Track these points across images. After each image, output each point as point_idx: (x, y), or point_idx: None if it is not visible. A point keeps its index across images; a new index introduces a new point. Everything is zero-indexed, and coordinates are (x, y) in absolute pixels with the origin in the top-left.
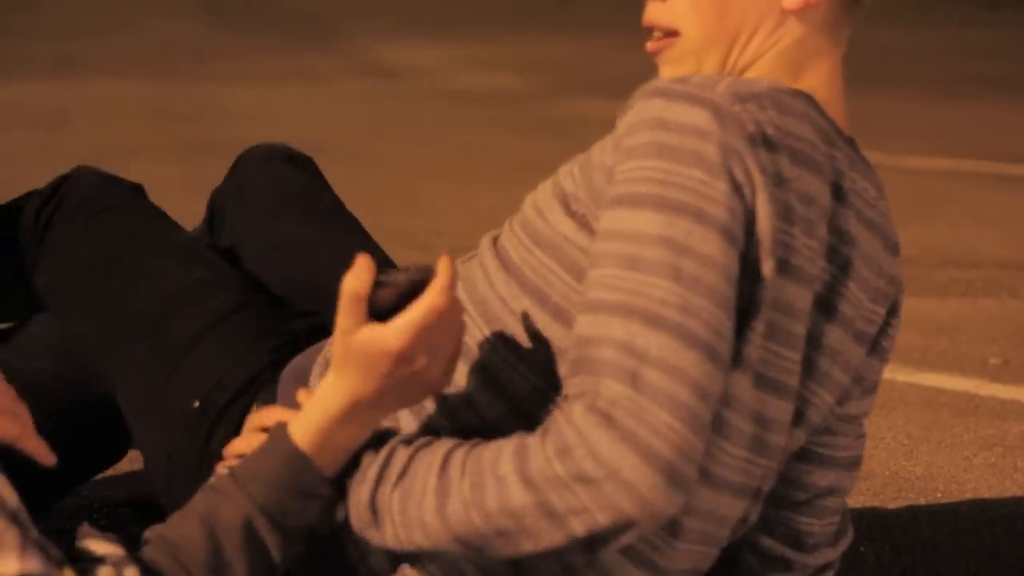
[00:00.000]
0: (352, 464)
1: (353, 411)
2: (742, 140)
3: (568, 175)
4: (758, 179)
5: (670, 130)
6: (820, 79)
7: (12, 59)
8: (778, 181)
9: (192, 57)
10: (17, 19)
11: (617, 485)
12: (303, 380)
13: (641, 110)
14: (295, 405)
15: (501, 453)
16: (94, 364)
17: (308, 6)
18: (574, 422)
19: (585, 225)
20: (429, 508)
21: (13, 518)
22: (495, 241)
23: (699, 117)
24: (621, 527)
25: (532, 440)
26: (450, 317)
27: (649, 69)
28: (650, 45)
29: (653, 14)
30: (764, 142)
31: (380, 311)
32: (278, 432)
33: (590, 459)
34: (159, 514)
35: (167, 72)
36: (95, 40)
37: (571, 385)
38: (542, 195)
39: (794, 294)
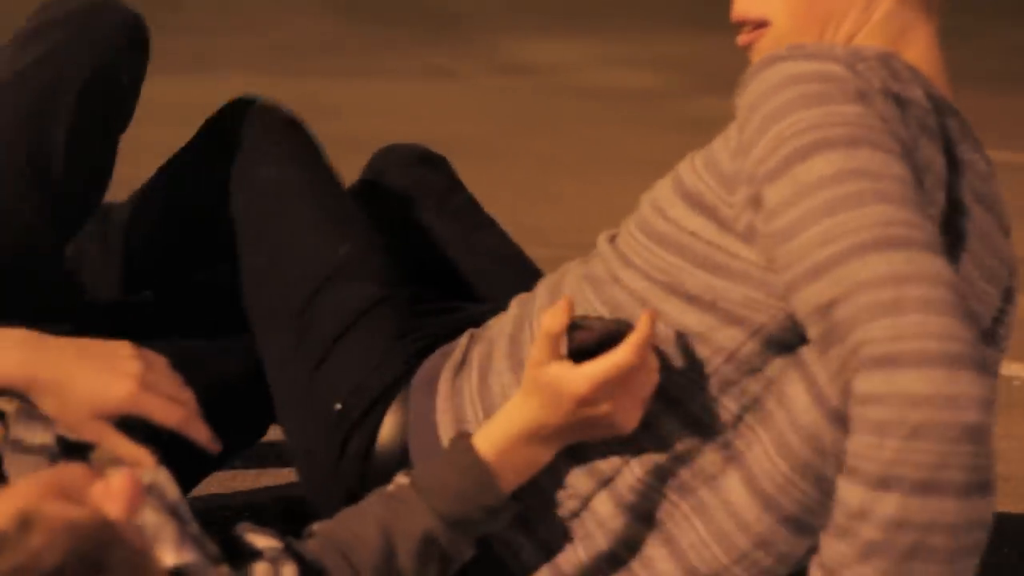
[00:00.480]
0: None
1: (535, 435)
2: (873, 90)
3: (690, 171)
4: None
5: (808, 80)
6: (919, 51)
7: (152, 55)
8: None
9: (328, 53)
10: (159, 16)
11: (951, 408)
12: (433, 384)
13: (766, 78)
14: (426, 410)
15: (850, 492)
16: (250, 322)
17: (444, 2)
18: (865, 395)
19: (715, 218)
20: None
21: (173, 511)
22: (612, 240)
23: (830, 66)
24: (978, 436)
25: (850, 451)
26: (641, 374)
27: None
28: (742, 38)
29: (742, 8)
30: (893, 98)
31: (575, 351)
32: (461, 445)
33: (910, 407)
34: (305, 514)
35: (303, 68)
36: (232, 37)
37: (830, 360)
38: (662, 193)
39: None
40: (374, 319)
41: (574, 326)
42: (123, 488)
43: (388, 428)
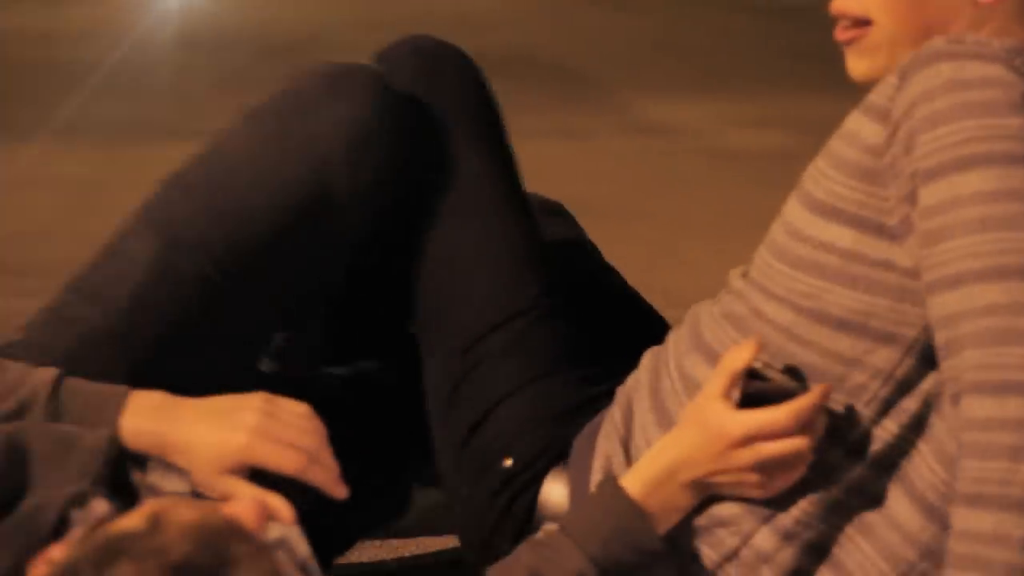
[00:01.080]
0: None
1: (680, 472)
2: None
3: (818, 181)
4: None
5: (971, 87)
6: None
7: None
8: None
9: None
10: (277, 74)
11: None
12: (591, 440)
13: (928, 77)
14: (583, 467)
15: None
16: (417, 338)
17: (572, 62)
18: (976, 422)
19: (856, 222)
20: None
21: (302, 568)
22: (746, 276)
23: (994, 70)
24: None
25: (969, 477)
26: (794, 447)
27: None
28: (840, 33)
29: (843, 3)
30: None
31: (743, 396)
32: (610, 487)
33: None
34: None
35: None
36: None
37: (945, 369)
38: (793, 214)
39: None
40: (541, 388)
41: (751, 372)
42: (250, 502)
43: (550, 488)
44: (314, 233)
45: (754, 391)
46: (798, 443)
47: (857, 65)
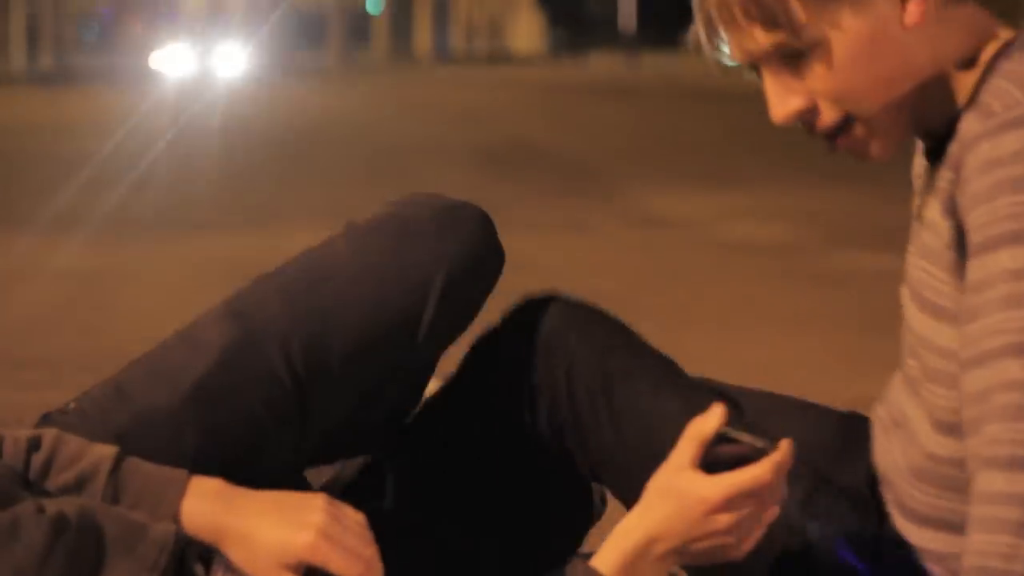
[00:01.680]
0: None
1: (658, 543)
2: None
3: (927, 284)
4: None
5: (1003, 164)
6: (986, 23)
7: (285, 209)
8: None
9: None
10: (292, 168)
11: None
12: None
13: (970, 162)
14: None
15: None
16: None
17: (579, 156)
18: (985, 496)
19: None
20: None
21: None
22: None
23: None
24: None
25: (967, 549)
26: (770, 497)
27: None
28: (839, 144)
29: (820, 122)
30: None
31: (712, 462)
32: (581, 568)
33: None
34: None
35: None
36: (369, 189)
37: (967, 447)
38: (922, 326)
39: None
40: None
41: (721, 436)
42: None
43: None
44: (392, 357)
45: (727, 456)
46: (778, 497)
47: (874, 152)
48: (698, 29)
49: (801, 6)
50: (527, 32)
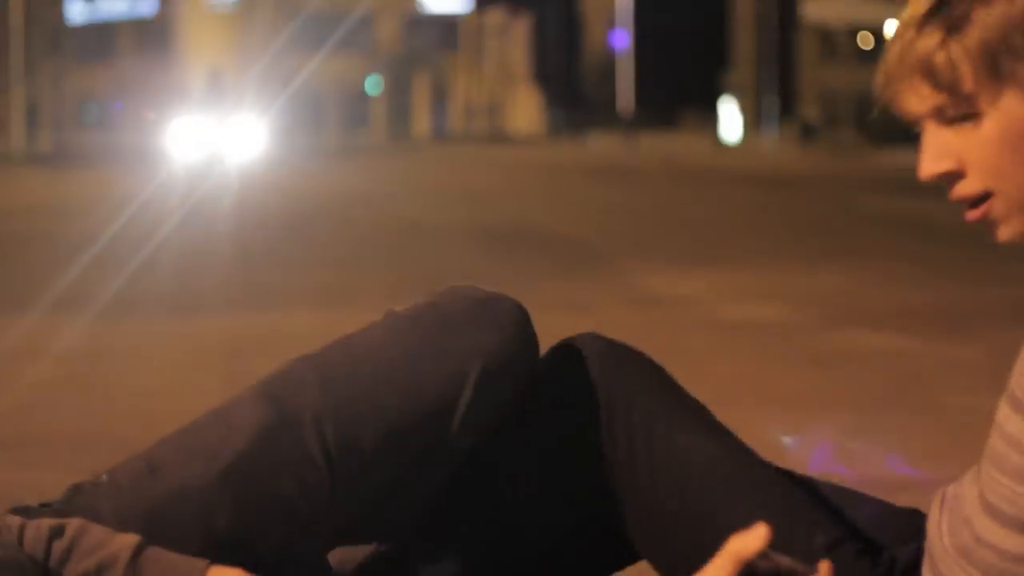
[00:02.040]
0: None
1: None
2: None
3: (996, 493)
4: None
5: None
6: None
7: (286, 288)
8: None
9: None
10: (291, 249)
11: None
12: None
13: None
14: None
15: None
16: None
17: (579, 236)
18: None
19: None
20: None
21: None
22: None
23: None
24: None
25: None
26: None
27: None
28: (968, 215)
29: (960, 189)
30: None
31: None
32: None
33: None
34: None
35: None
36: (369, 270)
37: (954, 564)
38: (997, 413)
39: None
40: None
41: (761, 556)
42: None
43: None
44: (427, 445)
45: (762, 571)
46: None
47: (1001, 234)
48: (878, 71)
49: (972, 76)
50: (525, 113)
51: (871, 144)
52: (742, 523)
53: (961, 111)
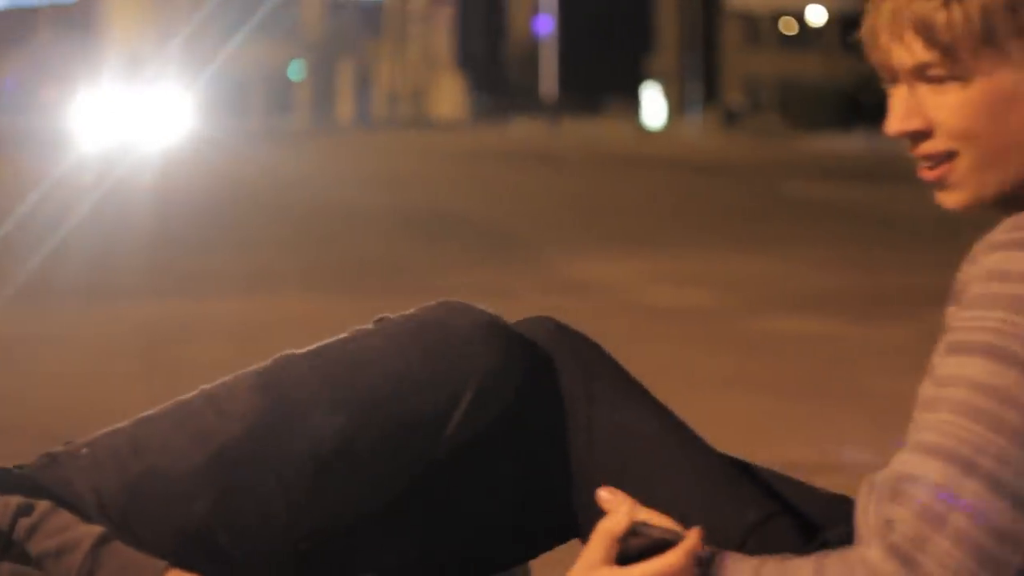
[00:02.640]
0: None
1: None
2: None
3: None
4: None
5: (1009, 279)
6: None
7: (208, 274)
8: None
9: (387, 272)
10: (213, 234)
11: None
12: None
13: (984, 264)
14: None
15: None
16: None
17: (501, 221)
18: (875, 569)
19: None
20: None
21: None
22: None
23: None
24: None
25: None
26: None
27: (848, 287)
28: (925, 173)
29: (926, 147)
30: None
31: (623, 556)
32: None
33: None
34: None
35: (362, 286)
36: (292, 255)
37: (878, 512)
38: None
39: None
40: None
41: (630, 531)
42: None
43: None
44: (413, 462)
45: (638, 548)
46: None
47: (948, 199)
48: (863, 26)
49: (968, 39)
50: (449, 98)
51: (794, 130)
52: (680, 499)
53: (948, 72)
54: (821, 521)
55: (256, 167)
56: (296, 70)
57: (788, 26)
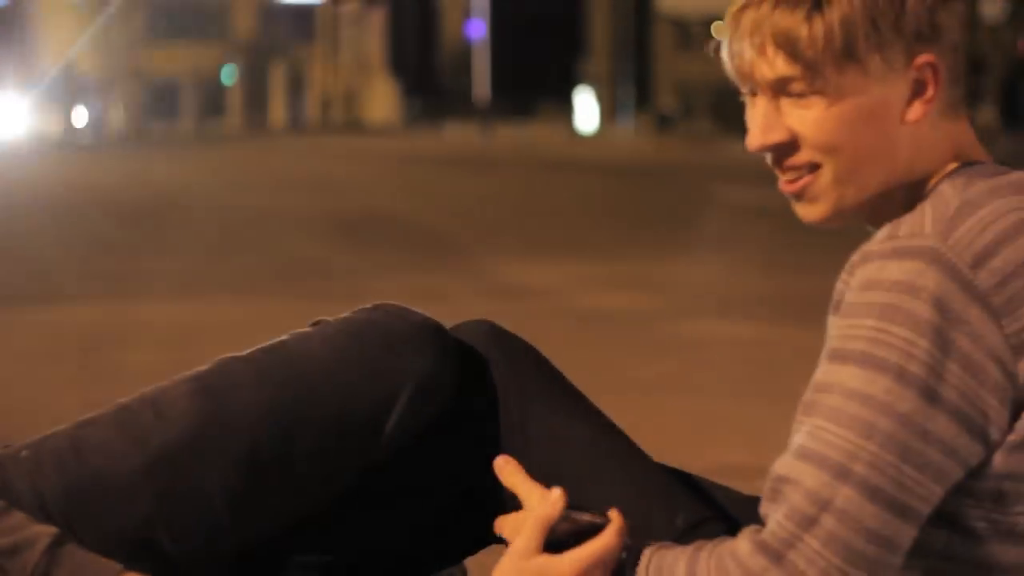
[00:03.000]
0: None
1: None
2: (953, 284)
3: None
4: (974, 323)
5: (879, 288)
6: (966, 145)
7: (140, 279)
8: (997, 313)
9: (320, 276)
10: (146, 238)
11: None
12: None
13: (859, 275)
14: None
15: None
16: None
17: (435, 226)
18: (742, 563)
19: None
20: None
21: None
22: None
23: (909, 269)
24: None
25: (701, 570)
26: (614, 561)
27: (779, 290)
28: (787, 186)
29: (789, 160)
30: (975, 275)
31: (553, 542)
32: None
33: None
34: None
35: (295, 291)
36: (224, 259)
37: (760, 511)
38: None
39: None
40: None
41: (561, 517)
42: None
43: None
44: (351, 462)
45: (567, 533)
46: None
47: (809, 212)
48: (720, 32)
49: (830, 54)
50: (382, 102)
51: (726, 135)
52: (612, 501)
53: (810, 87)
54: (754, 522)
55: (186, 170)
56: (228, 74)
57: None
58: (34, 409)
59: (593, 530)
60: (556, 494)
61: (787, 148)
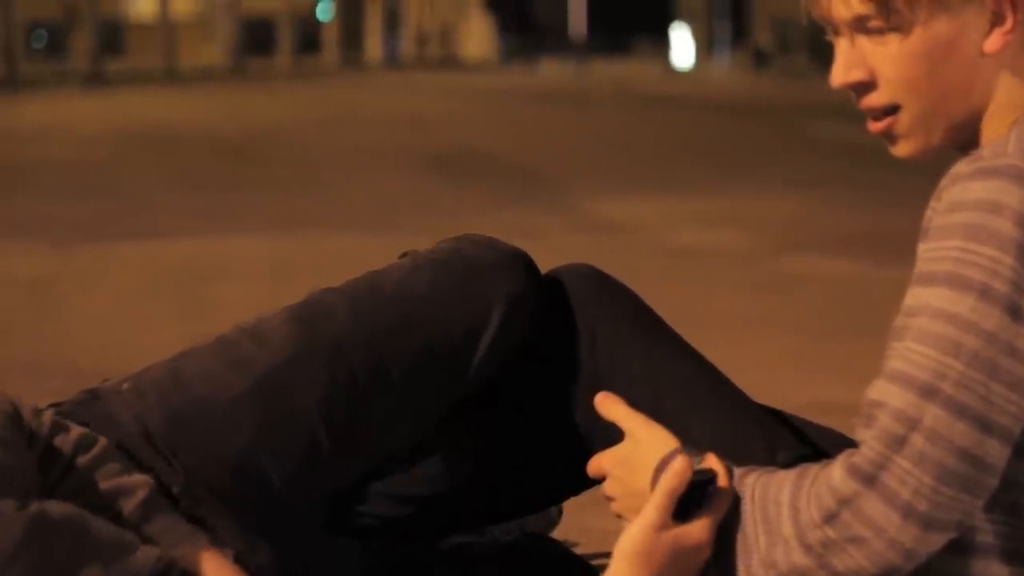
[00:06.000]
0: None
1: None
2: None
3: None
4: None
5: (963, 209)
6: None
7: (239, 213)
8: None
9: (416, 212)
10: (243, 174)
11: (885, 543)
12: None
13: (944, 199)
14: None
15: (780, 510)
16: None
17: (529, 162)
18: (835, 489)
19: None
20: (744, 563)
21: None
22: None
23: (993, 188)
24: (888, 573)
25: (803, 499)
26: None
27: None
28: (872, 126)
29: (869, 100)
30: None
31: (677, 508)
32: None
33: (858, 522)
34: None
35: (391, 226)
36: (320, 194)
37: (857, 437)
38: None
39: None
40: None
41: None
42: None
43: None
44: (443, 387)
45: (683, 496)
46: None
47: (899, 149)
48: None
49: None
50: (478, 39)
51: (823, 72)
52: (713, 438)
53: (887, 24)
54: None
55: (283, 107)
56: (324, 10)
57: None
58: (132, 344)
59: (707, 483)
60: (680, 464)
61: (867, 87)
